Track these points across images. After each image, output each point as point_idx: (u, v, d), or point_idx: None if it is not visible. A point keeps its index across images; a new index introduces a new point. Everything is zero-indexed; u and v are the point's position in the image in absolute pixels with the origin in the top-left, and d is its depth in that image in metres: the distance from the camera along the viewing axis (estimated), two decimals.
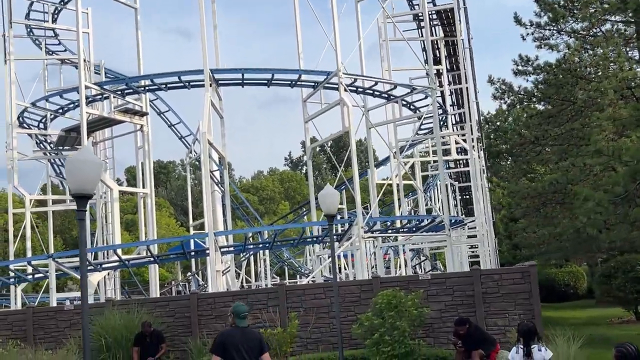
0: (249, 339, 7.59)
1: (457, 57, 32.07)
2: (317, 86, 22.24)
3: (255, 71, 22.05)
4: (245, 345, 7.48)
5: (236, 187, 49.20)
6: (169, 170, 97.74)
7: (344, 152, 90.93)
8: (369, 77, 22.93)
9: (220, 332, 8.17)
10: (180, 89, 22.75)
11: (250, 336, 7.66)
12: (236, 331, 7.62)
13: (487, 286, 14.35)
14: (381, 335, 12.32)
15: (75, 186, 8.00)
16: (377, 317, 12.75)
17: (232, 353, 7.39)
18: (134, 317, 14.88)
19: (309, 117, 22.74)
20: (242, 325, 7.65)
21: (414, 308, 12.74)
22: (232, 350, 7.39)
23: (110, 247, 22.67)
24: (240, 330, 7.62)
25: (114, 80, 23.71)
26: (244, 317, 7.69)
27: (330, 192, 13.13)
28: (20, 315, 16.27)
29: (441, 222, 22.11)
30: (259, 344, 7.64)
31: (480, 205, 27.59)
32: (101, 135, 26.90)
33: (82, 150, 8.15)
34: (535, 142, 20.22)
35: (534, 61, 21.50)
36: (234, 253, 24.88)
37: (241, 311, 7.70)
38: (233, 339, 7.49)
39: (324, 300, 15.14)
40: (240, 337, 7.53)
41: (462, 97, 32.98)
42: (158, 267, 25.85)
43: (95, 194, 26.67)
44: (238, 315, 7.67)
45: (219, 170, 30.86)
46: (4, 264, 25.77)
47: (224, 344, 7.47)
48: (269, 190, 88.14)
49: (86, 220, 8.16)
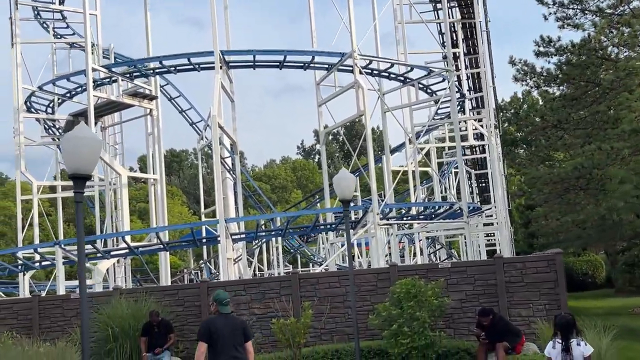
0: (234, 326, 7.65)
1: (474, 40, 31.18)
2: (330, 68, 21.52)
3: (266, 52, 21.33)
4: (230, 332, 7.53)
5: (248, 175, 48.60)
6: (182, 158, 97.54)
7: (357, 141, 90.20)
8: (385, 59, 22.18)
9: (204, 320, 8.27)
10: (190, 71, 22.12)
11: (234, 323, 7.73)
12: (220, 318, 7.64)
13: (510, 275, 13.69)
14: (400, 326, 11.71)
15: (72, 166, 7.41)
16: (395, 307, 12.14)
17: (217, 340, 7.43)
18: (142, 306, 14.32)
19: (322, 101, 22.04)
20: (225, 312, 7.68)
21: (434, 298, 12.11)
22: (218, 337, 7.43)
23: (119, 234, 22.14)
24: (224, 317, 7.66)
25: (122, 62, 23.08)
26: (227, 304, 7.72)
27: (345, 176, 12.51)
28: (25, 304, 15.77)
29: (459, 209, 21.40)
30: (243, 330, 7.71)
31: (499, 192, 26.80)
32: (110, 120, 26.34)
33: (80, 128, 7.52)
34: (558, 125, 19.44)
35: (556, 42, 20.68)
36: (245, 241, 24.32)
37: (223, 298, 7.74)
38: (218, 326, 7.50)
39: (338, 289, 14.54)
40: (224, 324, 7.56)
41: (479, 82, 32.16)
42: (169, 255, 25.34)
43: (104, 180, 26.23)
44: (221, 302, 7.71)
45: (231, 157, 30.32)
46: (10, 251, 25.33)
47: (209, 332, 7.49)
48: (281, 178, 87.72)
49: (83, 203, 7.55)
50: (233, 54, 21.41)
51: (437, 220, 22.46)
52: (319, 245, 48.98)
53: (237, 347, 7.56)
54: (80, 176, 7.47)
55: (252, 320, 14.56)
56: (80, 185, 7.55)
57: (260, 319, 14.64)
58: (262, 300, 14.76)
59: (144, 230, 33.90)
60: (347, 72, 21.41)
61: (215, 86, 18.69)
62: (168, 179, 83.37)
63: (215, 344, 7.45)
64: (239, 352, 7.58)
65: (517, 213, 52.61)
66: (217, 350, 7.49)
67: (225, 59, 20.69)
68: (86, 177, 7.57)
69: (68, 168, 7.52)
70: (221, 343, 7.44)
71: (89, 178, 7.75)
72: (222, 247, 18.63)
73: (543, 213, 26.95)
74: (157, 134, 24.57)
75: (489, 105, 27.87)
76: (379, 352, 12.89)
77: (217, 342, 7.44)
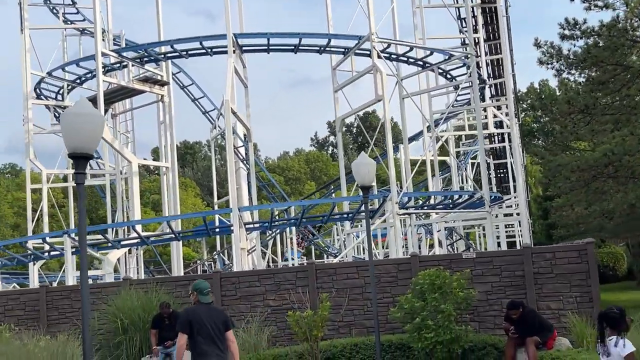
0: (214, 316, 7.56)
1: (494, 25, 30.33)
2: (347, 52, 20.78)
3: (281, 35, 20.62)
4: (210, 321, 7.43)
5: (263, 166, 48.04)
6: (195, 150, 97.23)
7: (371, 132, 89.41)
8: (404, 42, 21.39)
9: (184, 310, 8.13)
10: (202, 55, 21.48)
11: (215, 313, 7.64)
12: (201, 308, 7.56)
13: (538, 266, 12.96)
14: (423, 319, 11.02)
15: (72, 145, 6.77)
16: (418, 299, 11.45)
17: (198, 330, 7.34)
18: (152, 297, 13.78)
19: (338, 86, 21.32)
20: (205, 302, 7.60)
21: (459, 289, 11.40)
22: (198, 327, 7.34)
23: (129, 224, 21.58)
24: (205, 307, 7.58)
25: (132, 46, 22.47)
26: (207, 294, 7.65)
27: (365, 160, 11.85)
28: (33, 295, 15.26)
29: (480, 198, 20.63)
30: (224, 320, 7.63)
31: (520, 181, 25.99)
32: (121, 108, 25.78)
33: (80, 103, 6.89)
34: (585, 110, 18.56)
35: (582, 25, 19.76)
36: (259, 230, 23.70)
37: (204, 287, 7.66)
38: (199, 316, 7.42)
39: (357, 280, 13.89)
40: (205, 313, 7.48)
41: (499, 69, 31.30)
42: (182, 246, 24.81)
43: (114, 169, 25.70)
44: (201, 292, 7.63)
45: (244, 146, 29.74)
46: (18, 240, 24.88)
47: (190, 322, 7.38)
48: (295, 170, 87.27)
49: (84, 184, 6.92)
50: (246, 37, 20.71)
51: (458, 210, 21.68)
52: (333, 236, 48.40)
53: (219, 337, 7.47)
54: (80, 155, 6.84)
55: (267, 313, 13.97)
56: (81, 165, 6.92)
57: (275, 311, 14.03)
58: (277, 292, 14.15)
59: (154, 219, 33.45)
60: (364, 57, 20.69)
61: (228, 70, 18.03)
62: (182, 171, 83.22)
63: (195, 334, 7.35)
64: (220, 342, 7.48)
65: (534, 204, 51.73)
66: (197, 340, 7.37)
67: (239, 43, 20.03)
68: (87, 157, 6.93)
69: (68, 147, 6.89)
70: (202, 333, 7.34)
71: (90, 158, 7.11)
72: (235, 236, 18.02)
73: (565, 203, 26.05)
74: (168, 121, 23.96)
75: (510, 91, 26.96)
76: (401, 347, 12.24)
77: (197, 332, 7.34)
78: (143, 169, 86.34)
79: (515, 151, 26.04)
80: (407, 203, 21.39)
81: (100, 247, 19.81)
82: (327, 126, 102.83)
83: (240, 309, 14.22)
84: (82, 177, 6.98)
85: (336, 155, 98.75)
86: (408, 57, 22.31)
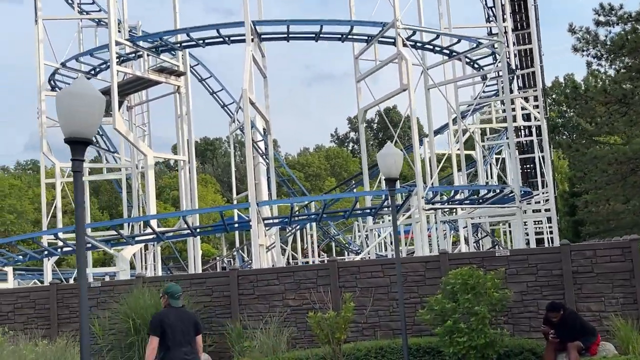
0: (185, 320, 7.61)
1: (522, 14, 29.26)
2: (370, 40, 19.90)
3: (301, 22, 19.80)
4: (181, 325, 7.48)
5: (283, 161, 47.35)
6: (216, 147, 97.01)
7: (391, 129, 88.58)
8: (430, 29, 20.45)
9: (156, 313, 8.09)
10: (220, 44, 20.71)
11: (185, 316, 7.68)
12: (171, 311, 7.59)
13: (578, 264, 12.02)
14: (455, 322, 10.18)
15: (69, 129, 6.04)
16: (449, 300, 10.61)
17: (168, 334, 7.35)
18: None
19: (361, 76, 20.46)
20: (176, 306, 7.64)
21: (494, 290, 10.54)
22: (169, 331, 7.36)
23: (143, 218, 20.91)
24: (176, 310, 7.61)
25: (147, 35, 21.80)
26: (178, 298, 7.69)
27: (391, 151, 11.03)
28: (43, 292, 14.62)
29: (510, 193, 19.67)
30: (194, 324, 7.69)
31: (550, 176, 24.95)
32: (137, 100, 25.14)
33: (77, 82, 6.15)
34: (622, 100, 17.53)
35: (618, 10, 18.75)
36: (278, 226, 22.92)
37: (175, 291, 7.71)
38: (170, 320, 7.44)
39: (382, 279, 13.05)
40: (176, 317, 7.51)
41: (526, 60, 30.24)
42: (200, 242, 24.13)
43: (129, 161, 25.08)
44: (172, 295, 7.66)
45: (263, 140, 29.04)
46: (29, 236, 24.36)
47: (162, 325, 7.40)
48: (315, 166, 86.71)
49: (82, 172, 6.18)
50: (265, 24, 19.93)
51: (487, 205, 20.71)
52: (354, 233, 47.61)
53: (189, 341, 7.53)
54: (78, 140, 6.12)
55: (287, 313, 13.19)
56: (79, 152, 6.17)
57: (295, 312, 13.25)
58: (297, 291, 13.36)
59: (170, 214, 32.89)
60: (388, 45, 19.80)
61: (247, 58, 17.26)
62: (202, 167, 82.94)
63: (166, 338, 7.36)
64: (191, 346, 7.54)
65: (561, 200, 50.55)
66: (168, 344, 7.38)
67: (257, 30, 19.24)
68: (86, 142, 6.21)
69: (64, 131, 6.14)
70: (173, 337, 7.37)
71: (89, 143, 6.34)
72: (253, 232, 17.27)
73: (597, 198, 25.00)
74: (185, 113, 23.27)
75: (540, 82, 25.88)
76: (430, 351, 11.41)
77: (168, 336, 7.36)
78: (163, 165, 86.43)
79: (546, 145, 24.98)
80: (433, 198, 20.47)
81: (114, 242, 19.20)
82: (347, 122, 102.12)
83: (258, 308, 13.47)
84: (79, 165, 6.22)
85: (356, 151, 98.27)
86: (434, 46, 21.38)
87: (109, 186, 58.10)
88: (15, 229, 54.24)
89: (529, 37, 28.98)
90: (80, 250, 6.30)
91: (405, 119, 29.67)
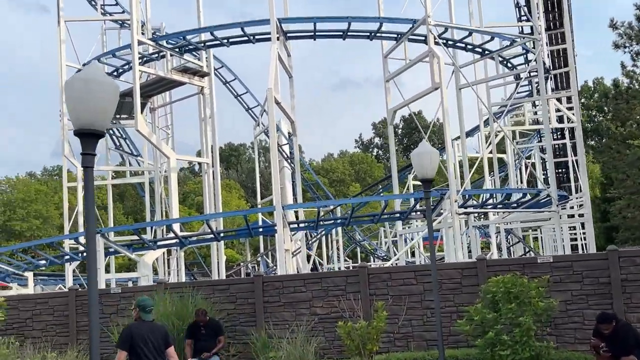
0: (155, 333, 7.57)
1: (554, 14, 28.32)
2: (400, 38, 19.20)
3: (328, 19, 19.18)
4: (151, 339, 7.44)
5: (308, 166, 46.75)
6: (240, 152, 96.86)
7: (416, 134, 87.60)
8: (463, 27, 19.67)
9: (126, 326, 8.02)
10: (244, 43, 20.17)
11: (155, 330, 7.66)
12: (142, 325, 7.57)
13: (627, 272, 11.17)
14: (497, 333, 9.43)
15: (79, 119, 5.40)
16: (490, 309, 9.86)
17: (139, 347, 7.31)
18: (188, 303, 12.49)
19: (390, 75, 19.77)
20: (147, 319, 7.63)
21: (539, 299, 9.76)
22: (140, 345, 7.31)
23: (166, 222, 20.41)
24: (146, 324, 7.60)
25: (170, 35, 21.35)
26: (149, 311, 7.68)
27: (427, 149, 10.35)
28: (62, 299, 14.16)
29: (546, 197, 18.78)
30: (165, 338, 7.69)
31: (585, 179, 23.94)
32: (160, 101, 24.70)
33: (89, 68, 5.55)
34: None
35: None
36: (304, 230, 22.26)
37: (147, 305, 7.68)
38: (140, 333, 7.41)
39: (415, 286, 12.33)
40: (146, 331, 7.49)
41: (559, 61, 29.27)
42: (223, 247, 23.58)
43: (152, 165, 24.65)
44: (143, 309, 7.64)
45: (288, 143, 28.49)
46: (48, 240, 23.98)
47: (131, 338, 7.35)
48: (339, 172, 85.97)
49: (92, 168, 5.58)
50: (291, 21, 19.34)
51: (522, 209, 19.82)
52: (380, 238, 46.80)
53: (159, 354, 7.51)
54: (88, 132, 5.51)
55: (314, 322, 12.52)
56: (89, 145, 5.55)
57: (322, 320, 12.58)
58: (325, 298, 12.69)
59: (193, 217, 32.41)
60: (418, 43, 19.11)
61: (272, 57, 16.68)
62: (226, 173, 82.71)
63: (136, 352, 7.31)
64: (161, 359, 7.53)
65: (592, 206, 49.25)
66: (137, 358, 7.35)
67: (283, 28, 18.66)
68: (97, 135, 5.59)
69: (74, 122, 5.52)
70: (143, 350, 7.31)
71: (101, 136, 5.71)
72: (279, 237, 16.65)
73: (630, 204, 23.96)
74: (209, 117, 22.77)
75: (575, 83, 24.90)
76: None
77: (139, 350, 7.31)
78: (188, 171, 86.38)
79: (580, 147, 24.01)
80: (466, 202, 19.66)
81: (136, 247, 18.72)
82: (371, 127, 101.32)
83: (284, 316, 12.82)
84: (90, 159, 5.60)
85: (381, 157, 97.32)
86: (466, 44, 20.61)
87: (134, 191, 58.10)
88: (41, 234, 54.38)
89: (562, 37, 28.03)
90: (91, 252, 5.69)
91: (432, 121, 28.77)
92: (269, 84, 16.22)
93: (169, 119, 25.99)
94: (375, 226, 46.06)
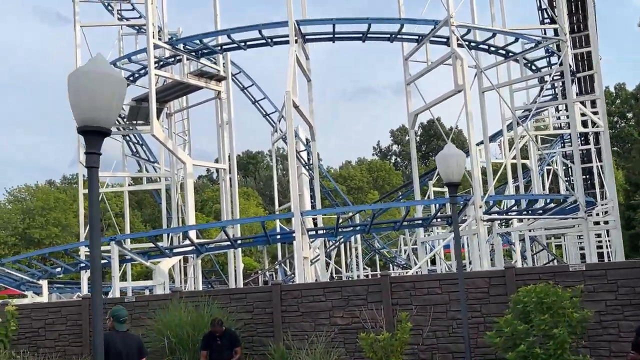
0: (129, 344, 7.53)
1: (578, 16, 27.67)
2: (421, 40, 18.72)
3: (348, 21, 18.76)
4: (125, 349, 7.41)
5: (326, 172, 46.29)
6: (258, 160, 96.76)
7: (435, 141, 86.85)
8: (486, 28, 19.13)
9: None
10: (262, 46, 19.81)
11: (130, 341, 7.61)
12: (116, 335, 7.49)
13: None
14: (530, 346, 8.87)
15: (83, 116, 5.00)
16: (521, 321, 9.31)
17: (113, 357, 7.21)
18: (204, 312, 12.07)
19: (411, 78, 19.29)
20: (121, 330, 7.57)
21: (573, 310, 9.20)
22: (114, 355, 7.24)
23: (182, 229, 20.03)
24: (121, 334, 7.54)
25: (187, 38, 21.05)
26: (124, 322, 7.63)
27: (452, 152, 9.84)
28: (75, 307, 13.83)
29: (573, 203, 18.15)
30: (139, 349, 7.63)
31: (612, 185, 23.26)
32: (177, 107, 24.41)
33: (94, 60, 5.14)
34: None
35: None
36: (323, 237, 21.77)
37: (121, 315, 7.62)
38: (114, 344, 7.33)
39: (439, 295, 11.80)
40: (120, 341, 7.43)
41: (583, 64, 28.58)
42: (241, 254, 23.17)
43: (168, 172, 24.34)
44: (118, 319, 7.58)
45: (306, 149, 28.09)
46: (63, 248, 23.68)
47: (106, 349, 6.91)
48: (357, 179, 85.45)
49: (97, 168, 5.17)
50: (310, 23, 18.95)
51: (549, 216, 19.18)
52: (399, 246, 46.17)
53: None
54: (94, 130, 5.10)
55: (334, 332, 12.03)
56: (94, 144, 5.14)
57: (343, 331, 12.08)
58: (345, 308, 12.20)
59: (210, 224, 32.05)
60: (439, 45, 18.60)
61: (290, 59, 16.29)
62: (244, 181, 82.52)
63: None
64: None
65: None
66: None
67: (301, 31, 18.28)
68: (103, 133, 5.17)
69: (77, 118, 5.11)
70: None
71: (107, 134, 5.30)
72: (297, 243, 16.19)
73: None
74: (226, 120, 22.42)
75: (601, 87, 24.24)
76: None
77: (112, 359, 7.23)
78: (206, 179, 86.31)
79: (606, 152, 23.33)
80: (490, 209, 19.07)
81: (151, 255, 18.37)
82: (389, 134, 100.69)
83: (303, 327, 12.34)
84: (95, 159, 5.19)
85: (399, 164, 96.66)
86: (489, 46, 20.07)
87: (152, 199, 58.05)
88: (60, 242, 54.42)
89: (586, 40, 27.38)
90: (95, 258, 5.27)
91: (452, 127, 28.21)
92: (287, 87, 15.81)
93: (185, 124, 25.71)
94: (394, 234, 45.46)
